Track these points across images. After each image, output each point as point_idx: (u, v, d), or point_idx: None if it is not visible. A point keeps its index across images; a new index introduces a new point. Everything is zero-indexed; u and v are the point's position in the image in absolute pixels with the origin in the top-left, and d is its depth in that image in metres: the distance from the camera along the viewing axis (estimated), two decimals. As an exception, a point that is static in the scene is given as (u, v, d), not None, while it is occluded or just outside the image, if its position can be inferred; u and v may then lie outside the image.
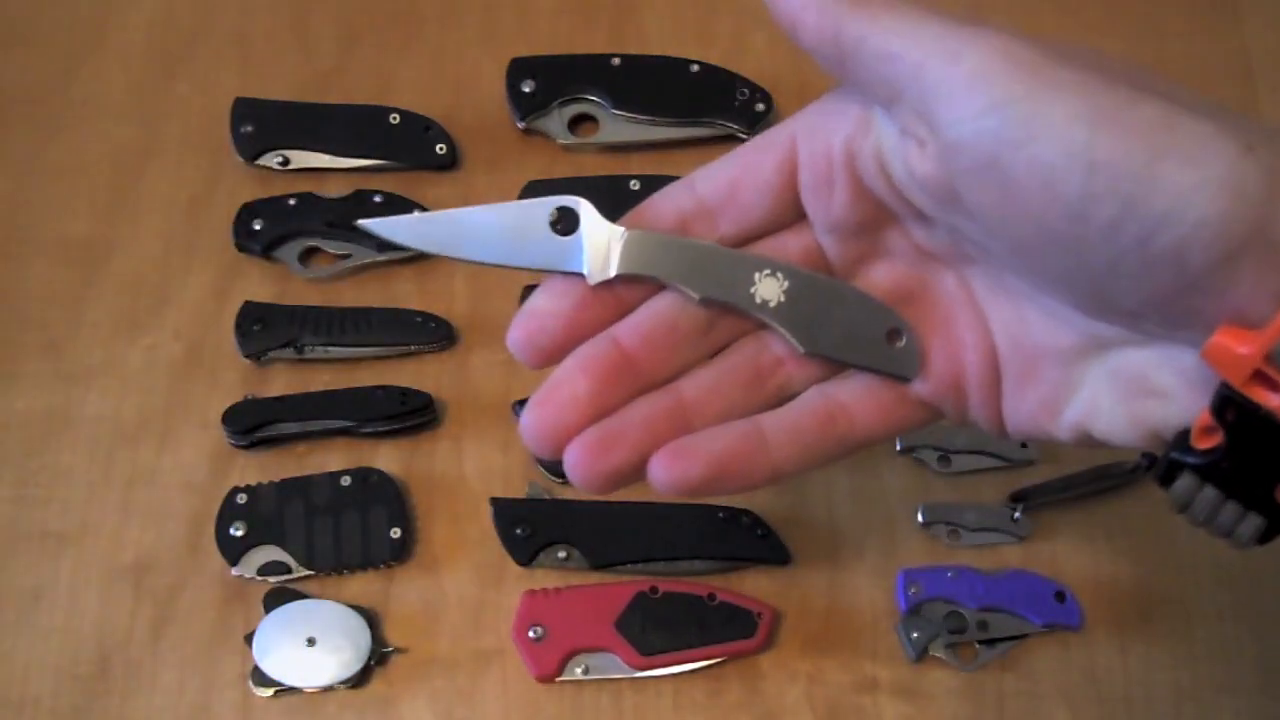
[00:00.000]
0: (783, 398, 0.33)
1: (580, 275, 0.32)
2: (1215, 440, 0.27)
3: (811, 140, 0.32)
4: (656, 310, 0.33)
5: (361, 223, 0.32)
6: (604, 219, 0.32)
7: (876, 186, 0.31)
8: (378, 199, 0.56)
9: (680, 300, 0.32)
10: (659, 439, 0.31)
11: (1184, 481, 0.28)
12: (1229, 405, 0.26)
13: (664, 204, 0.33)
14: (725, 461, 0.31)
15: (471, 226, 0.32)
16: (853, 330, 0.32)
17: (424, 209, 0.56)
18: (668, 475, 0.30)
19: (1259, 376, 0.25)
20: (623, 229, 0.32)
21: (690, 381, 0.32)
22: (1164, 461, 0.28)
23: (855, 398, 0.33)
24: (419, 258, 0.56)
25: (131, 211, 0.57)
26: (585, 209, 0.32)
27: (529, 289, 0.53)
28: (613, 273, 0.32)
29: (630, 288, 0.33)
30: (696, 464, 0.30)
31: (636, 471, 0.31)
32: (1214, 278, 0.25)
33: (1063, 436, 0.31)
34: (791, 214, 0.33)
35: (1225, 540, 0.28)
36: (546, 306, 0.32)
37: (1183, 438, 0.28)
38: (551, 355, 0.32)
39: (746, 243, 0.33)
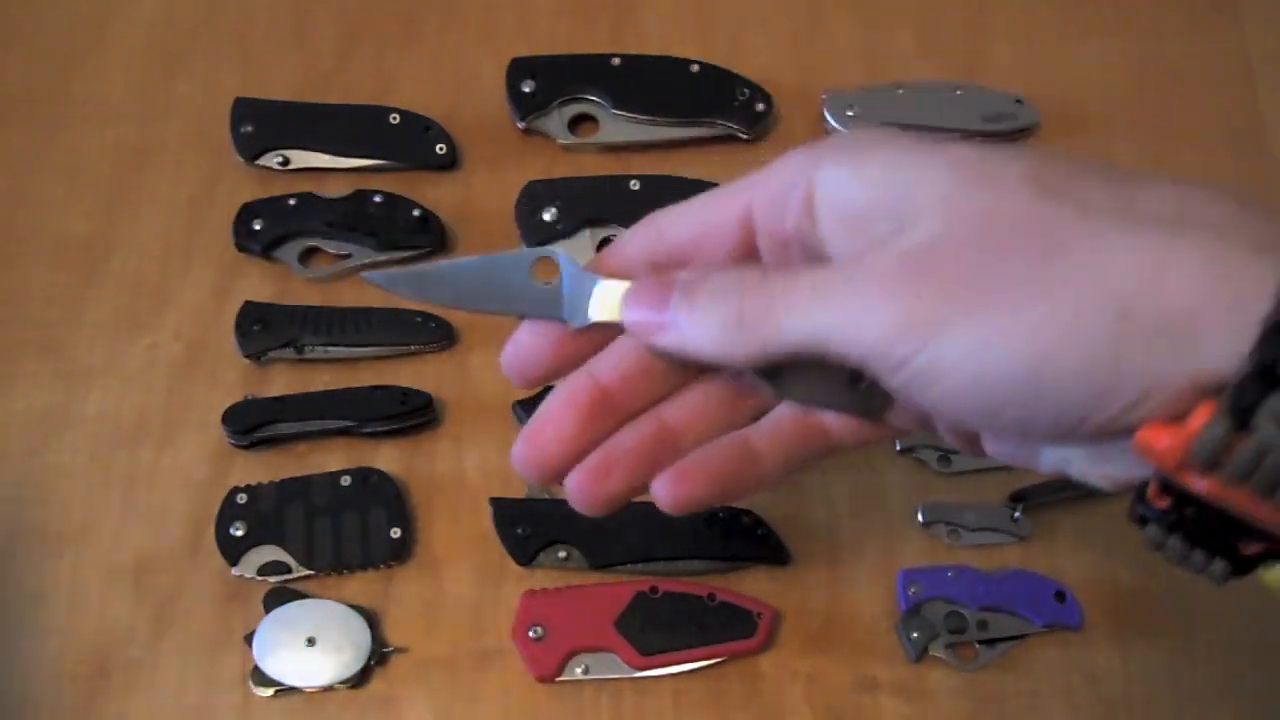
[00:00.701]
0: (760, 414, 0.34)
1: (561, 321, 0.33)
2: (1169, 501, 0.28)
3: (767, 216, 0.32)
4: (633, 348, 0.33)
5: (365, 275, 0.35)
6: (580, 269, 0.33)
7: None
8: (378, 199, 0.56)
9: None
10: (650, 464, 0.32)
11: (1152, 529, 0.29)
12: (1167, 485, 0.27)
13: (634, 249, 0.34)
14: (724, 479, 0.32)
15: (462, 279, 0.34)
16: (820, 375, 0.32)
17: (424, 209, 0.56)
18: (672, 497, 0.32)
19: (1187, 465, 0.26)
20: (598, 280, 0.33)
21: (673, 406, 0.33)
22: (1133, 510, 0.29)
23: (831, 416, 0.34)
24: (419, 258, 0.56)
25: (131, 211, 0.57)
26: (563, 260, 0.33)
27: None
28: (590, 320, 0.33)
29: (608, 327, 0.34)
30: (699, 484, 0.32)
31: (633, 494, 0.33)
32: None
33: (1043, 471, 0.32)
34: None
35: (1202, 576, 0.29)
36: (530, 342, 0.34)
37: (1144, 490, 0.28)
38: (539, 380, 0.34)
39: None
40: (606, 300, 0.33)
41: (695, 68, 0.59)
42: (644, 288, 0.32)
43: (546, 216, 0.56)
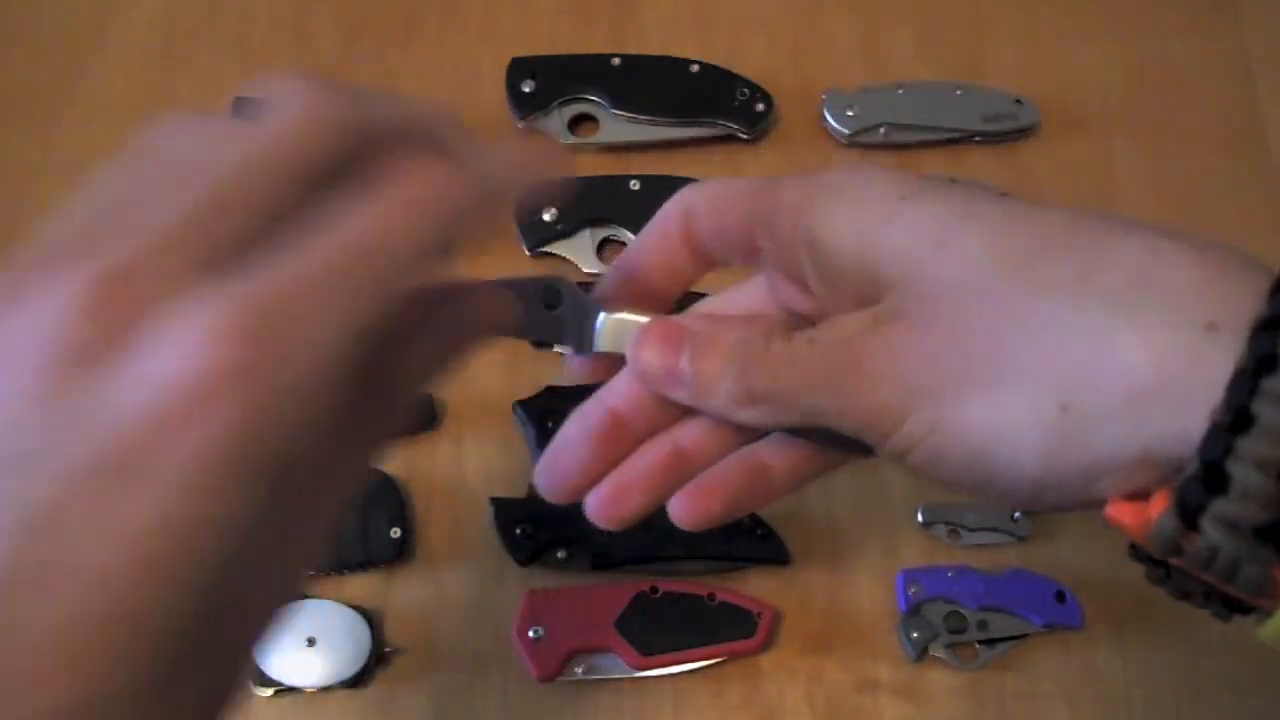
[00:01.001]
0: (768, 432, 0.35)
1: (566, 347, 0.34)
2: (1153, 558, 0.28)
3: (761, 233, 0.32)
4: None
5: None
6: (586, 297, 0.33)
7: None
8: (378, 199, 0.56)
9: None
10: (665, 485, 0.33)
11: (1148, 570, 0.29)
12: (1140, 550, 0.28)
13: (670, 226, 0.34)
14: (737, 496, 0.33)
15: None
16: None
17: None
18: (688, 514, 0.33)
19: None
20: (602, 312, 0.33)
21: (686, 428, 0.34)
22: (1130, 550, 0.30)
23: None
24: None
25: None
26: (567, 289, 0.33)
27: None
28: (594, 349, 0.33)
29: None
30: (714, 502, 0.33)
31: (649, 511, 0.33)
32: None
33: None
34: None
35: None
36: (571, 372, 0.35)
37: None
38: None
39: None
40: (612, 333, 0.33)
41: (695, 68, 0.59)
42: (652, 341, 0.32)
43: (546, 216, 0.56)
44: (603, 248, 0.56)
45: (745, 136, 0.58)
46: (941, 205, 0.29)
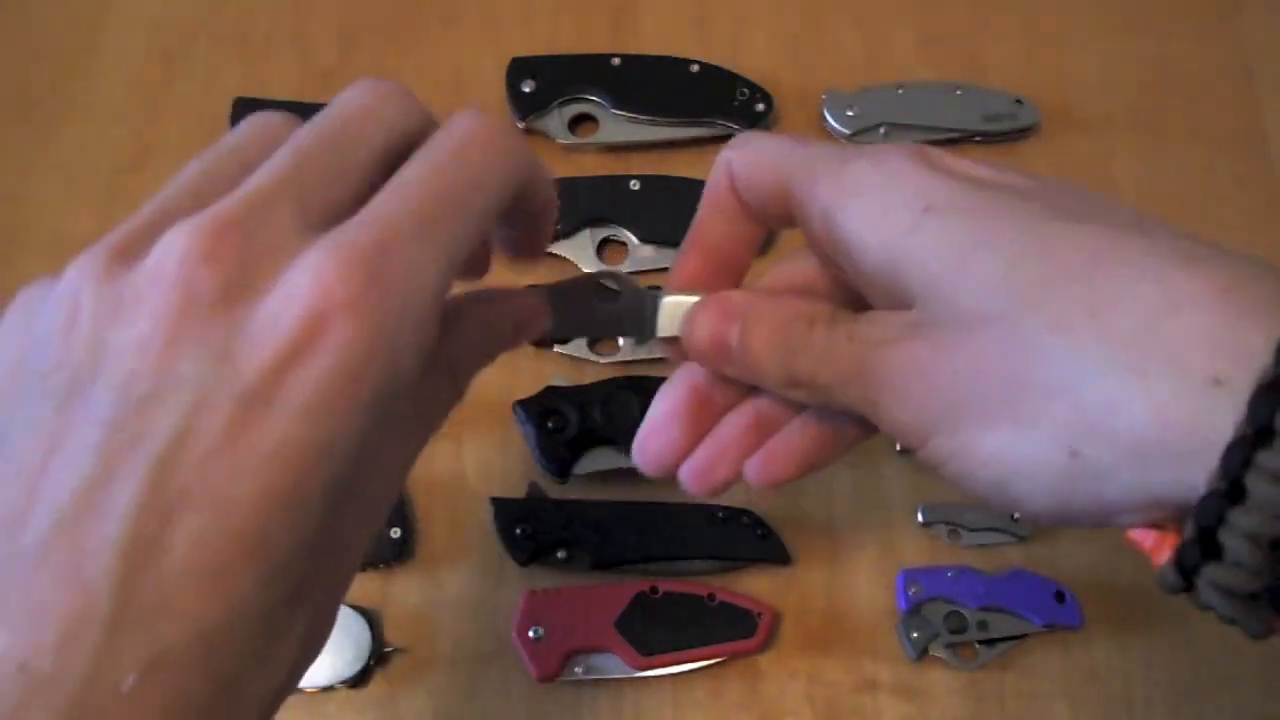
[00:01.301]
0: None
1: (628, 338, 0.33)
2: None
3: (797, 208, 0.32)
4: None
5: None
6: (641, 286, 0.33)
7: None
8: (378, 199, 0.56)
9: None
10: (752, 450, 0.34)
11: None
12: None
13: (717, 191, 0.34)
14: (808, 455, 0.34)
15: None
16: None
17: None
18: (765, 478, 0.34)
19: None
20: (659, 295, 0.33)
21: (764, 396, 0.34)
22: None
23: None
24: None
25: (131, 211, 0.57)
26: (622, 280, 0.34)
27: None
28: (657, 335, 0.33)
29: None
30: (788, 465, 0.34)
31: (738, 478, 0.34)
32: None
33: None
34: None
35: None
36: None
37: None
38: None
39: None
40: (671, 317, 0.33)
41: (695, 68, 0.59)
42: (702, 319, 0.32)
43: (546, 216, 0.56)
44: (603, 248, 0.56)
45: (745, 136, 0.58)
46: (963, 222, 0.28)
